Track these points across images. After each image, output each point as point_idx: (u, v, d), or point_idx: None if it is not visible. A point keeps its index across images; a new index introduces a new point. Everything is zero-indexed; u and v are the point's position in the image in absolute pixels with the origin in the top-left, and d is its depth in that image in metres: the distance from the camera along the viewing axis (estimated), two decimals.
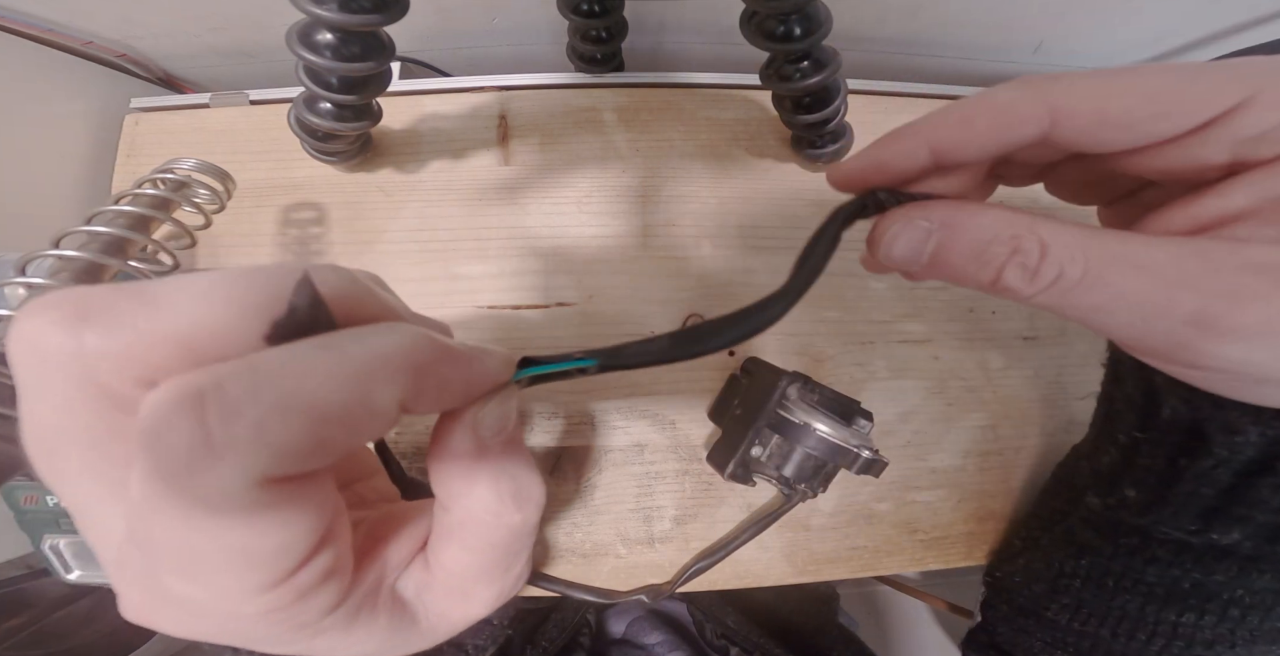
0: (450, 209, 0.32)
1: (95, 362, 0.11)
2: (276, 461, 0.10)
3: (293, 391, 0.10)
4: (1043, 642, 0.27)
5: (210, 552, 0.11)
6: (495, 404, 0.14)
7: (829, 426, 0.24)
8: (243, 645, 0.14)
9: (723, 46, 0.40)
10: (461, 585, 0.16)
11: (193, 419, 0.10)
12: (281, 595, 0.12)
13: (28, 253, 0.19)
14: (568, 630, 0.35)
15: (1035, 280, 0.14)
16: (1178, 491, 0.21)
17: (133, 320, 0.11)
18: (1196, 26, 0.38)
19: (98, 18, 0.33)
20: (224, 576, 0.11)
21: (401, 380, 0.12)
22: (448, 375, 0.13)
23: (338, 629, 0.14)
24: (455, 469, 0.15)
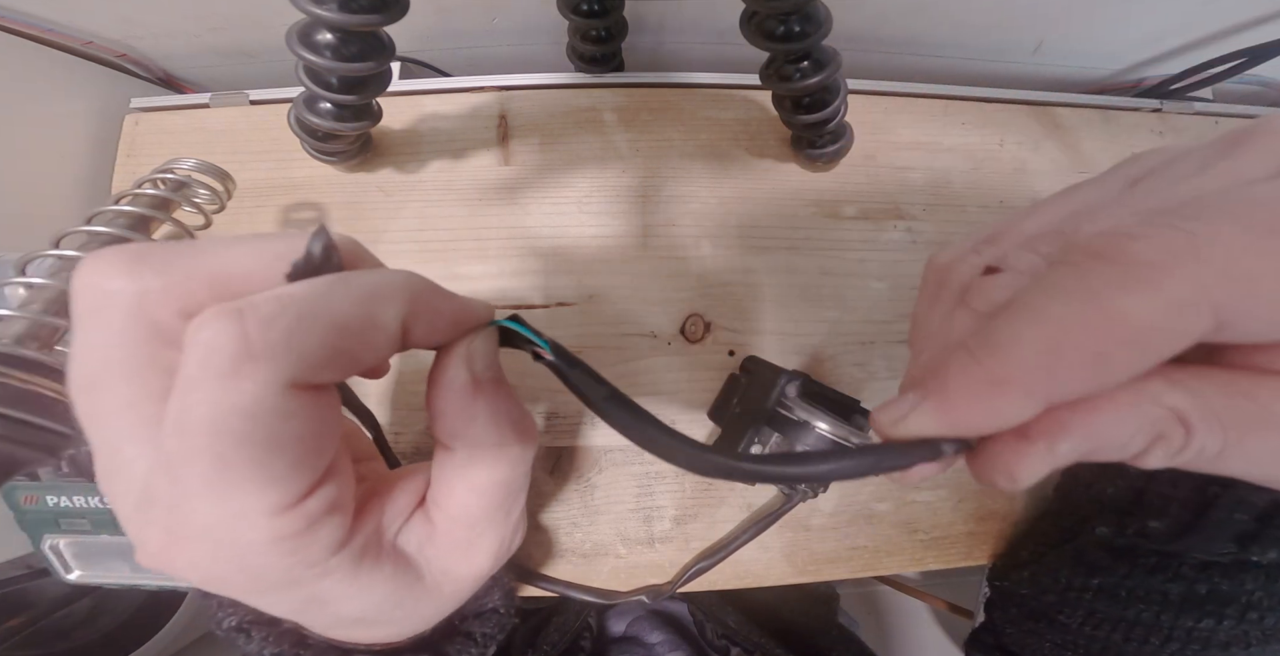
0: (450, 209, 0.32)
1: (148, 296, 0.13)
2: (304, 366, 0.12)
3: (314, 307, 0.12)
4: (1053, 644, 0.27)
5: (237, 462, 0.12)
6: (482, 339, 0.16)
7: (828, 424, 0.24)
8: (256, 587, 0.14)
9: (723, 46, 0.40)
10: (466, 534, 0.17)
11: (236, 327, 0.12)
12: (293, 520, 0.13)
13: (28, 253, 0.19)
14: (569, 634, 0.35)
15: (1178, 457, 0.12)
16: (1211, 519, 0.20)
17: (180, 261, 0.13)
18: (1196, 26, 0.38)
19: (98, 18, 0.33)
20: (245, 493, 0.12)
21: (401, 302, 0.13)
22: (438, 305, 0.15)
23: (344, 571, 0.14)
24: (454, 404, 0.15)
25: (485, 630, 0.22)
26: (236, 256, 0.13)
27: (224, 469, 0.12)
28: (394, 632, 0.19)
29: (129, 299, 0.13)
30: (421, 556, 0.17)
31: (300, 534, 0.13)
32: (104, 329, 0.13)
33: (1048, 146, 0.36)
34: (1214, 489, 0.20)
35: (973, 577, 0.32)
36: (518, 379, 0.30)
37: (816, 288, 0.32)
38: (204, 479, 0.12)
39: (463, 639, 0.21)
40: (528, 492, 0.29)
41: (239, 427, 0.12)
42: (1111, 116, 0.37)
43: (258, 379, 0.12)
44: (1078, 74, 0.42)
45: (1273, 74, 0.39)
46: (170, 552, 0.13)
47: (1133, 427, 0.11)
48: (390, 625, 0.18)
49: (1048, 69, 0.42)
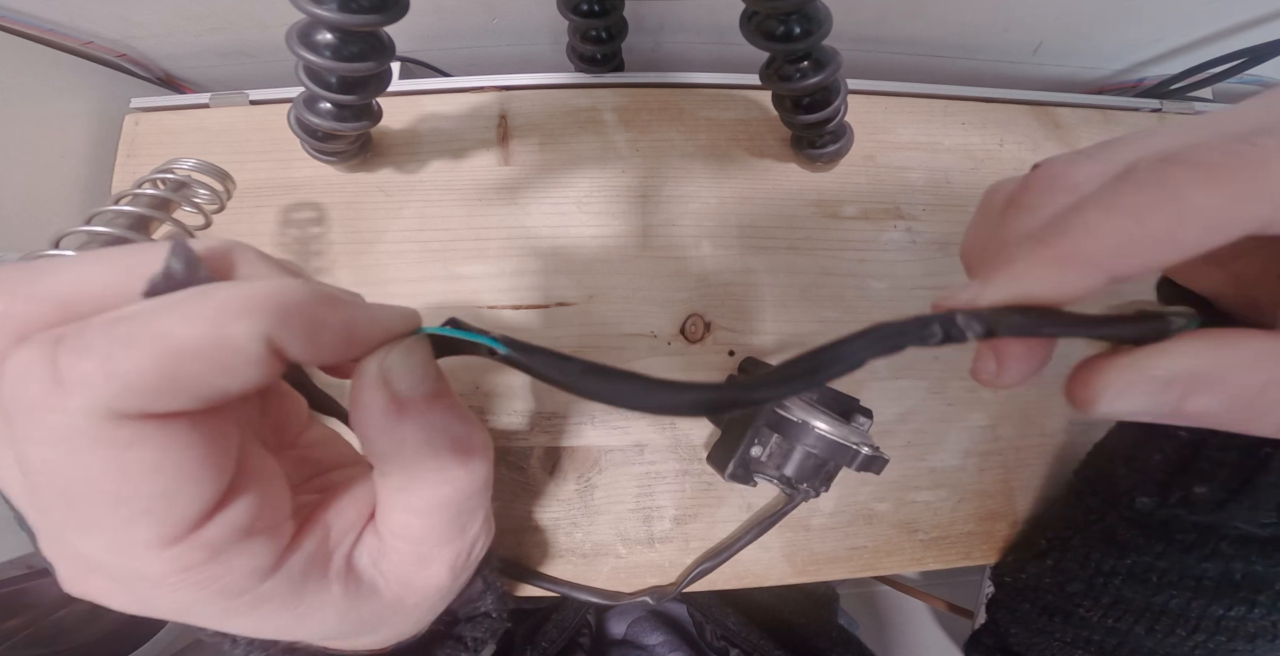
0: (450, 209, 0.32)
1: None
2: (127, 394, 0.11)
3: (143, 327, 0.11)
4: (1062, 642, 0.27)
5: (85, 500, 0.11)
6: (400, 353, 0.14)
7: (828, 424, 0.24)
8: (185, 617, 0.13)
9: (723, 46, 0.40)
10: (416, 550, 0.16)
11: (43, 359, 0.11)
12: (188, 551, 0.12)
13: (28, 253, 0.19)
14: (568, 631, 0.35)
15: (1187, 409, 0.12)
16: (1260, 482, 0.20)
17: (21, 283, 0.12)
18: (1196, 26, 0.38)
19: (98, 18, 0.33)
20: (112, 529, 0.11)
21: (261, 317, 0.12)
22: (323, 318, 0.13)
23: (281, 597, 0.13)
24: (377, 427, 0.14)
25: (476, 634, 0.22)
26: (86, 275, 0.12)
27: (73, 508, 0.11)
28: (373, 642, 0.18)
29: None
30: (376, 571, 0.16)
31: (205, 564, 0.12)
32: None
33: (1048, 146, 0.36)
34: (1266, 449, 0.20)
35: (973, 577, 0.32)
36: (517, 378, 0.30)
37: (816, 288, 0.32)
38: (64, 518, 0.11)
39: (453, 643, 0.21)
40: (529, 493, 0.29)
41: (70, 464, 0.11)
42: (1111, 116, 0.37)
43: (66, 410, 0.10)
44: (1078, 74, 0.42)
45: (1273, 74, 0.39)
46: (83, 584, 0.13)
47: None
48: (362, 638, 0.17)
49: (1048, 69, 0.42)
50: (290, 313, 0.12)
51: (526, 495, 0.29)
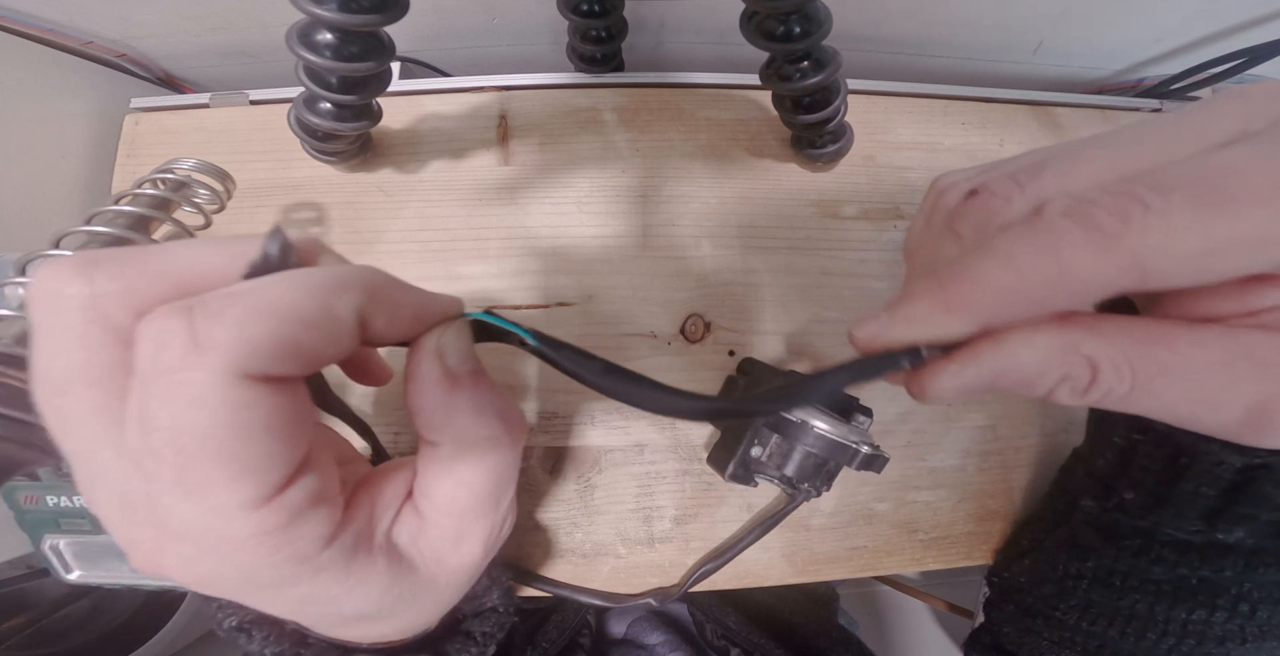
0: (450, 209, 0.32)
1: (104, 299, 0.13)
2: (255, 356, 0.12)
3: (264, 298, 0.12)
4: (1050, 642, 0.27)
5: (201, 456, 0.12)
6: (453, 332, 0.16)
7: (827, 423, 0.24)
8: (247, 585, 0.14)
9: (723, 46, 0.40)
10: (455, 525, 0.17)
11: (182, 321, 0.12)
12: (274, 513, 0.13)
13: (28, 252, 0.19)
14: (568, 632, 0.35)
15: (1085, 397, 0.14)
16: (1179, 491, 0.21)
17: (135, 263, 0.13)
18: (1196, 26, 0.38)
19: (98, 18, 0.33)
20: (217, 487, 0.12)
21: (355, 294, 0.13)
22: (398, 298, 0.15)
23: (337, 567, 0.14)
24: (432, 399, 0.15)
25: (485, 629, 0.22)
26: (194, 257, 0.13)
27: (190, 464, 0.12)
28: (395, 628, 0.19)
29: (84, 302, 0.13)
30: (414, 548, 0.16)
31: (284, 527, 0.13)
32: (63, 334, 0.13)
33: None
34: (1184, 460, 0.20)
35: (973, 577, 0.32)
36: (516, 380, 0.30)
37: (816, 288, 0.32)
38: (173, 476, 0.12)
39: (462, 638, 0.21)
40: (529, 493, 0.29)
41: (196, 420, 0.12)
42: (1111, 116, 0.37)
43: (207, 368, 0.11)
44: (1078, 74, 0.42)
45: (1273, 74, 0.39)
46: (159, 554, 0.13)
47: (1038, 365, 0.13)
48: (391, 620, 0.18)
49: (1048, 69, 0.42)
50: (377, 292, 0.14)
51: (526, 495, 0.29)
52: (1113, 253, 0.12)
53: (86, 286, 0.13)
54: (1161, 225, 0.11)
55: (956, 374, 0.14)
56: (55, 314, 0.13)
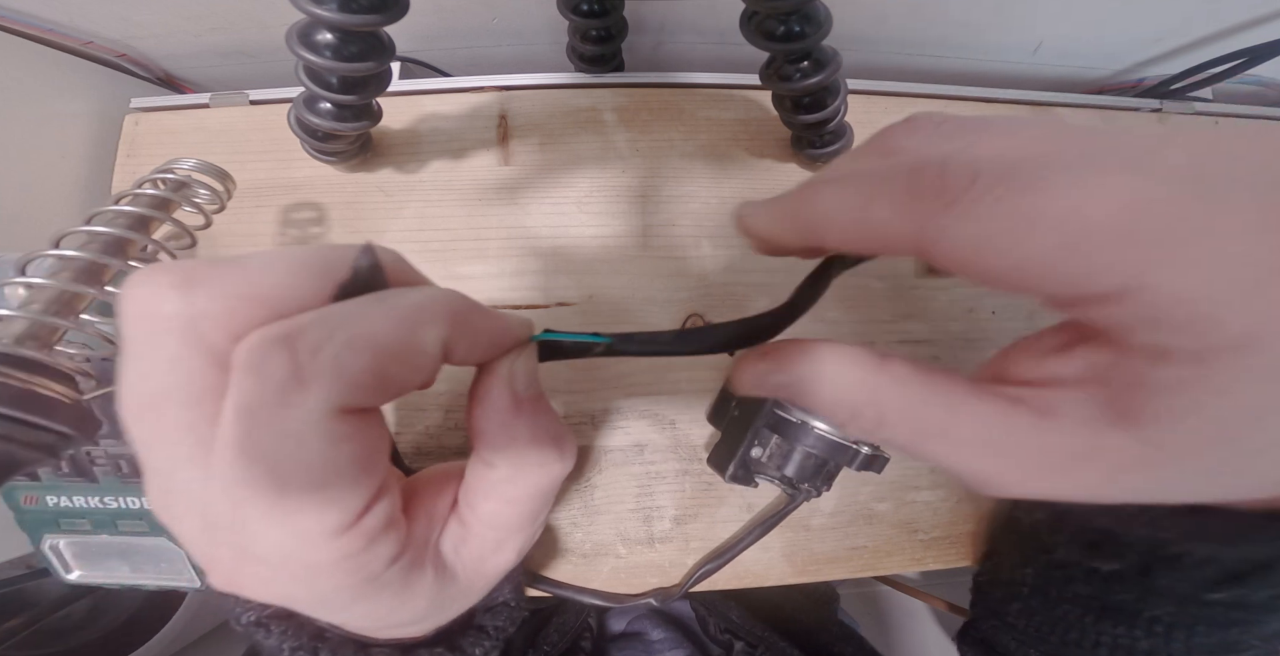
0: (450, 209, 0.32)
1: (202, 321, 0.13)
2: (351, 391, 0.12)
3: (360, 331, 0.12)
4: (1015, 641, 0.27)
5: (294, 487, 0.12)
6: (524, 359, 0.16)
7: (826, 424, 0.24)
8: (318, 604, 0.15)
9: (723, 46, 0.40)
10: (497, 537, 0.17)
11: (286, 352, 0.12)
12: (354, 539, 0.13)
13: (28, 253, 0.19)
14: (569, 634, 0.35)
15: (869, 436, 0.15)
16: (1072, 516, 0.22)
17: (230, 282, 0.13)
18: (1196, 26, 0.38)
19: (98, 18, 0.33)
20: (305, 516, 0.12)
21: (443, 323, 0.14)
22: (478, 324, 0.15)
23: (397, 583, 0.15)
24: (496, 422, 0.16)
25: (497, 623, 0.22)
26: (283, 275, 0.13)
27: (283, 494, 0.12)
28: (422, 629, 0.19)
29: (184, 323, 0.13)
30: (456, 557, 0.17)
31: (361, 552, 0.13)
32: (160, 355, 0.13)
33: None
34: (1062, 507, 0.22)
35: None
36: None
37: None
38: (265, 505, 0.12)
39: (475, 632, 0.22)
40: None
41: (294, 453, 0.12)
42: (1111, 116, 0.37)
43: (309, 405, 0.12)
44: (1078, 74, 0.42)
45: (1273, 74, 0.39)
46: (240, 574, 0.14)
47: (832, 395, 0.15)
48: (424, 624, 0.18)
49: (1048, 69, 0.42)
50: (461, 320, 0.14)
51: None
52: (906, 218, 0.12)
53: (186, 306, 0.13)
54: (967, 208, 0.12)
55: (762, 373, 0.16)
56: (152, 332, 0.13)
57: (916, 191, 0.12)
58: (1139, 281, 0.10)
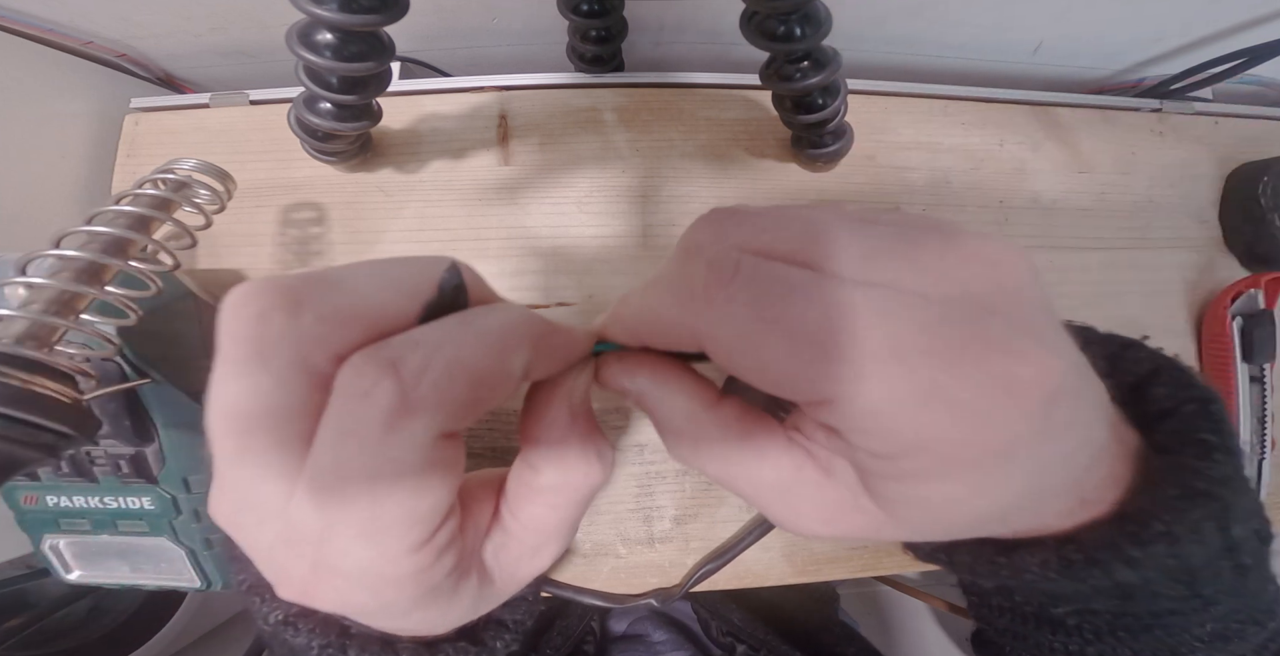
0: (450, 209, 0.32)
1: (308, 342, 0.13)
2: (452, 416, 0.13)
3: (457, 357, 0.13)
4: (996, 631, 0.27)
5: (390, 508, 0.13)
6: (585, 376, 0.17)
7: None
8: (381, 612, 0.15)
9: (723, 46, 0.40)
10: (536, 542, 0.17)
11: (391, 380, 0.12)
12: (428, 554, 0.14)
13: (28, 253, 0.19)
14: (572, 638, 0.35)
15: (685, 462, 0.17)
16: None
17: (336, 304, 0.13)
18: (1196, 26, 0.38)
19: (98, 18, 0.33)
20: (395, 536, 0.13)
21: (527, 347, 0.14)
22: (554, 343, 0.15)
23: (449, 592, 0.15)
24: (551, 434, 0.16)
25: (516, 617, 0.22)
26: (378, 294, 0.14)
27: (378, 515, 0.13)
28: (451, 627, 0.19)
29: (292, 345, 0.13)
30: (495, 562, 0.17)
31: (431, 565, 0.14)
32: (264, 376, 0.13)
33: (1048, 146, 0.36)
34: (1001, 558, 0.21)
35: None
36: None
37: None
38: (358, 523, 0.13)
39: (496, 626, 0.22)
40: None
41: (394, 477, 0.13)
42: (1111, 116, 0.37)
43: (414, 431, 0.12)
44: (1078, 74, 0.42)
45: (1273, 74, 0.39)
46: (314, 587, 0.14)
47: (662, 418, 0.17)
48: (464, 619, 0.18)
49: (1048, 69, 0.42)
50: (538, 342, 0.15)
51: None
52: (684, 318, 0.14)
53: (293, 329, 0.13)
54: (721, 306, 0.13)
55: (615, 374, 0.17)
56: (257, 354, 0.13)
57: (688, 291, 0.14)
58: (838, 393, 0.12)
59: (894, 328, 0.12)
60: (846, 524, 0.15)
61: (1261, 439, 0.33)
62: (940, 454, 0.12)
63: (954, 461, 0.12)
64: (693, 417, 0.16)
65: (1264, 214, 0.34)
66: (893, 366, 0.12)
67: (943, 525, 0.15)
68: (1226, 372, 0.33)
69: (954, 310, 0.12)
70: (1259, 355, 0.33)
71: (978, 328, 0.12)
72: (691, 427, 0.16)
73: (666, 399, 0.16)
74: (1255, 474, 0.33)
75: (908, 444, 0.12)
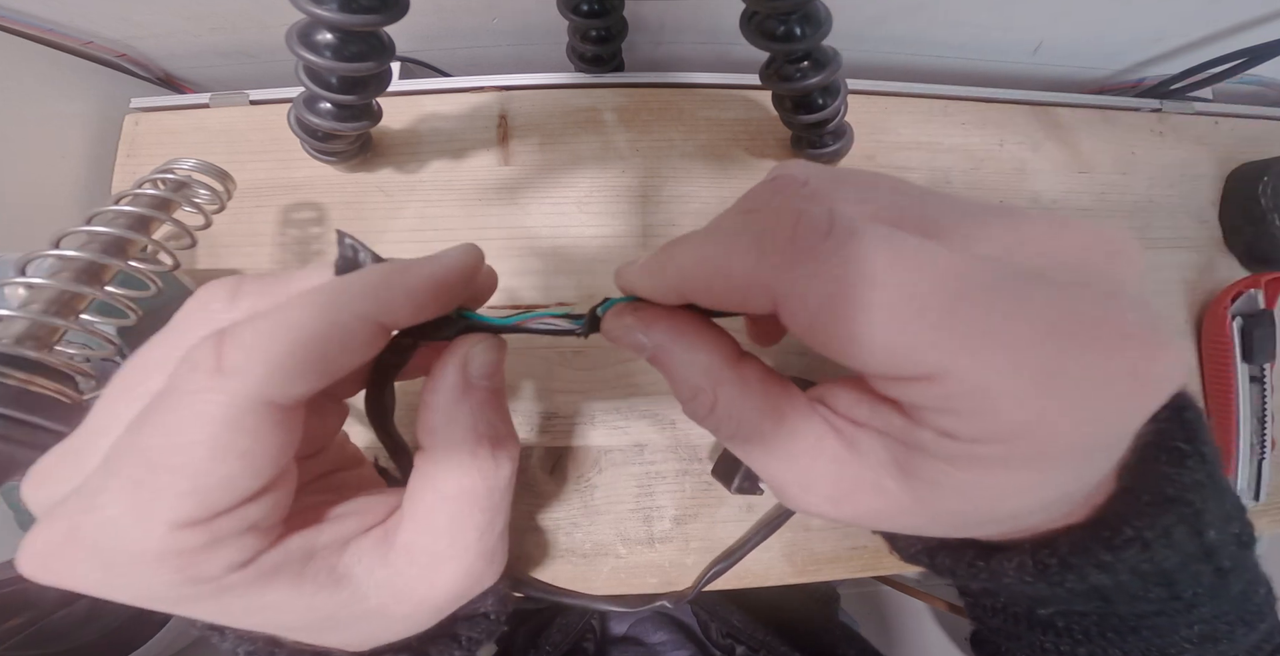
0: (450, 209, 0.32)
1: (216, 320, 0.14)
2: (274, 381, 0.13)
3: (279, 320, 0.13)
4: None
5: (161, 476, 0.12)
6: (483, 346, 0.16)
7: None
8: (140, 599, 0.14)
9: (723, 46, 0.40)
10: (430, 546, 0.16)
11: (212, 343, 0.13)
12: (192, 536, 0.13)
13: (28, 253, 0.19)
14: (572, 635, 0.35)
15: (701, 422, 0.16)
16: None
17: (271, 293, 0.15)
18: (1196, 26, 0.38)
19: (98, 18, 0.33)
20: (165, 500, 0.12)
21: (365, 301, 0.14)
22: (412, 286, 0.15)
23: (242, 588, 0.14)
24: (440, 400, 0.16)
25: (472, 634, 0.22)
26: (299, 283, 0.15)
27: (148, 479, 0.12)
28: (353, 643, 0.18)
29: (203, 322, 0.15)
30: (370, 578, 0.16)
31: (195, 551, 0.13)
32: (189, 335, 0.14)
33: (1048, 146, 0.36)
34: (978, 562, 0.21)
35: None
36: (517, 379, 0.30)
37: None
38: (127, 487, 0.12)
39: (447, 641, 0.21)
40: (529, 493, 0.29)
41: (183, 444, 0.12)
42: (1111, 116, 0.37)
43: (218, 398, 0.12)
44: (1078, 74, 0.42)
45: (1273, 74, 0.39)
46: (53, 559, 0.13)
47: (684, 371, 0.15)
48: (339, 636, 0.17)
49: (1048, 69, 0.42)
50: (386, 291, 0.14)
51: (527, 495, 0.29)
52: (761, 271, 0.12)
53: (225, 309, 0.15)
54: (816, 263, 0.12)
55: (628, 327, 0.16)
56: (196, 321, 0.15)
57: (772, 243, 0.12)
58: (946, 368, 0.11)
59: (1018, 302, 0.11)
60: (857, 504, 0.14)
61: (1261, 439, 0.33)
62: (1038, 442, 0.11)
63: (1047, 451, 0.11)
64: (712, 373, 0.15)
65: (1264, 214, 0.34)
66: (1018, 343, 0.11)
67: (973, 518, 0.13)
68: (1226, 372, 0.33)
69: (1082, 292, 0.11)
70: (1259, 355, 0.33)
71: (1108, 311, 0.11)
72: (710, 385, 0.15)
73: (685, 353, 0.15)
74: (1255, 474, 0.33)
75: (1010, 428, 0.11)
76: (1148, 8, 0.36)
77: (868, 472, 0.14)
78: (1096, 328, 0.11)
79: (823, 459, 0.14)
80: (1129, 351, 0.11)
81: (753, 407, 0.15)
